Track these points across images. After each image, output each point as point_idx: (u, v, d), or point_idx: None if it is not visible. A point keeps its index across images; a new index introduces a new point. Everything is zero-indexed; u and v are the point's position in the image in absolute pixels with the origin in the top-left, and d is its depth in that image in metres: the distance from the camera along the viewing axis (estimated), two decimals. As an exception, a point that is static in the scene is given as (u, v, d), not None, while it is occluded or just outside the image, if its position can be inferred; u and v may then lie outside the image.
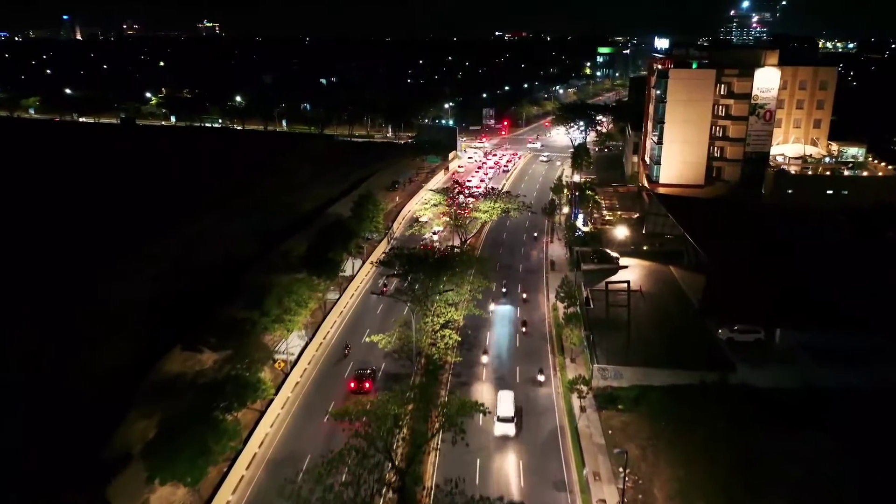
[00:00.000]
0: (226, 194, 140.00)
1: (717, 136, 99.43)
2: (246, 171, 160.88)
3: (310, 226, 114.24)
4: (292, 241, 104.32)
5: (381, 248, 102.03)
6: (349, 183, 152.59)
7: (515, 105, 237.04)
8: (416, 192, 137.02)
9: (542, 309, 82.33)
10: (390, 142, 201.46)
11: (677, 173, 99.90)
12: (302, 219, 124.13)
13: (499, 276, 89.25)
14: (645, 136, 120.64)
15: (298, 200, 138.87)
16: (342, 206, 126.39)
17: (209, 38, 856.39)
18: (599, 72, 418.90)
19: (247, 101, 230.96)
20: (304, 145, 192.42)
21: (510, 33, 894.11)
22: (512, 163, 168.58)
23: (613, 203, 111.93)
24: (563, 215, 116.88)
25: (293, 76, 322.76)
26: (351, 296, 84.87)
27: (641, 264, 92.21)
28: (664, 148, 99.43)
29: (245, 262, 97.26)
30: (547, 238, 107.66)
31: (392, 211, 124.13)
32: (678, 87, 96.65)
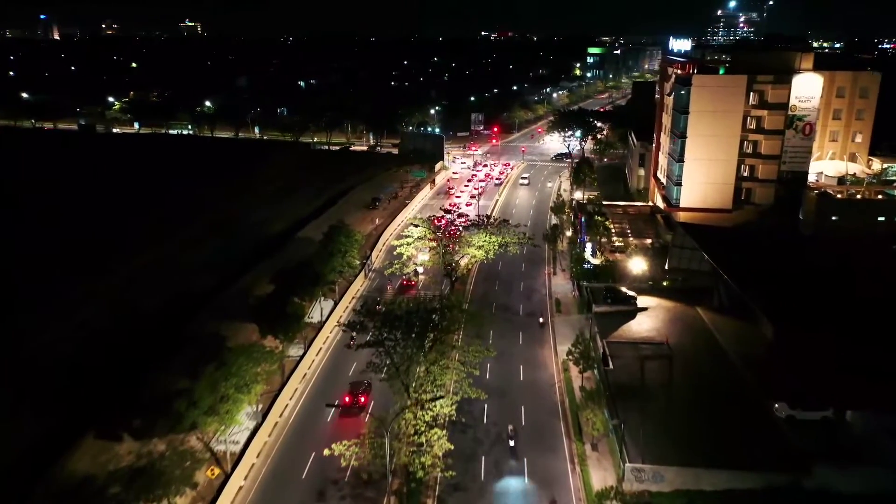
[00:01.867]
0: (186, 214, 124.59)
1: (746, 152, 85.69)
2: (211, 185, 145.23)
3: (277, 253, 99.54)
4: (252, 277, 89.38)
5: (358, 284, 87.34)
6: (325, 198, 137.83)
7: (506, 110, 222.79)
8: (399, 211, 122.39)
9: (550, 367, 67.98)
10: (372, 150, 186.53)
11: (701, 196, 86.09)
12: (270, 242, 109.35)
13: (496, 327, 74.76)
14: (657, 150, 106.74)
15: (267, 220, 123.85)
16: (315, 229, 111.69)
17: (189, 38, 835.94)
18: (590, 73, 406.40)
19: (217, 105, 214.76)
20: (276, 154, 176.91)
21: (496, 33, 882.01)
22: (504, 174, 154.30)
23: (623, 227, 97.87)
24: (565, 237, 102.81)
25: (270, 78, 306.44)
26: (318, 350, 70.02)
27: (662, 305, 78.20)
28: (686, 166, 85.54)
29: (197, 301, 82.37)
30: (548, 268, 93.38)
31: (371, 235, 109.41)
32: (703, 95, 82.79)
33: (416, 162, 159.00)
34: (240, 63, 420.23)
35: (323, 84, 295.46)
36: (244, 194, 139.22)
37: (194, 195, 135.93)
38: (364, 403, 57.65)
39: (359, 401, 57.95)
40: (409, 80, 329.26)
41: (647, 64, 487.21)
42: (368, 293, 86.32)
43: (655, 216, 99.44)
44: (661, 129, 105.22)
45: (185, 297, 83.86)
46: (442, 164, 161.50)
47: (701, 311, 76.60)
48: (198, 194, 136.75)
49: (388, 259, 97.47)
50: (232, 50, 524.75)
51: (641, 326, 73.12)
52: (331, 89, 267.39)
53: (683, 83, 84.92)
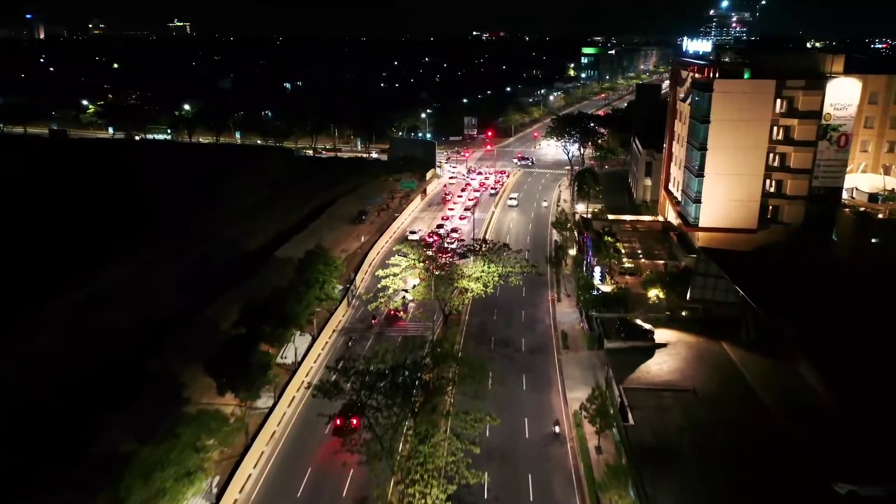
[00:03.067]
0: (156, 228, 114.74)
1: (773, 166, 76.75)
2: (186, 195, 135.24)
3: (251, 276, 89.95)
4: (221, 305, 79.71)
5: (340, 314, 77.80)
6: (308, 210, 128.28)
7: (500, 113, 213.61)
8: (387, 225, 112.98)
9: (559, 418, 58.75)
10: (359, 157, 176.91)
11: (723, 214, 77.05)
12: (247, 260, 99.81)
13: (495, 366, 65.51)
14: (667, 159, 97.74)
15: (245, 235, 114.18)
16: (295, 246, 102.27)
17: (177, 38, 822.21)
18: (584, 73, 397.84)
19: (197, 109, 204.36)
20: (258, 161, 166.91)
21: (488, 33, 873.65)
22: (501, 183, 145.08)
23: (634, 246, 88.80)
24: (569, 257, 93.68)
25: (255, 80, 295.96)
26: (290, 401, 60.47)
27: (683, 340, 69.09)
28: (707, 182, 76.47)
29: (164, 329, 72.85)
30: (552, 294, 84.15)
31: (356, 254, 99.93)
32: (726, 103, 73.73)
33: (407, 170, 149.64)
34: (226, 64, 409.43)
35: (310, 86, 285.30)
36: (221, 205, 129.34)
37: (167, 207, 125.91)
38: (356, 426, 52.04)
39: (350, 423, 52.56)
40: (399, 82, 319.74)
41: (641, 64, 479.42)
42: (352, 324, 76.90)
43: (668, 234, 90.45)
44: (672, 137, 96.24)
45: (151, 324, 74.33)
46: (434, 172, 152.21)
47: (727, 346, 67.61)
48: (171, 206, 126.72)
49: (375, 282, 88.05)
50: (219, 50, 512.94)
51: (662, 367, 64.07)
52: (318, 91, 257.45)
53: (703, 88, 75.86)
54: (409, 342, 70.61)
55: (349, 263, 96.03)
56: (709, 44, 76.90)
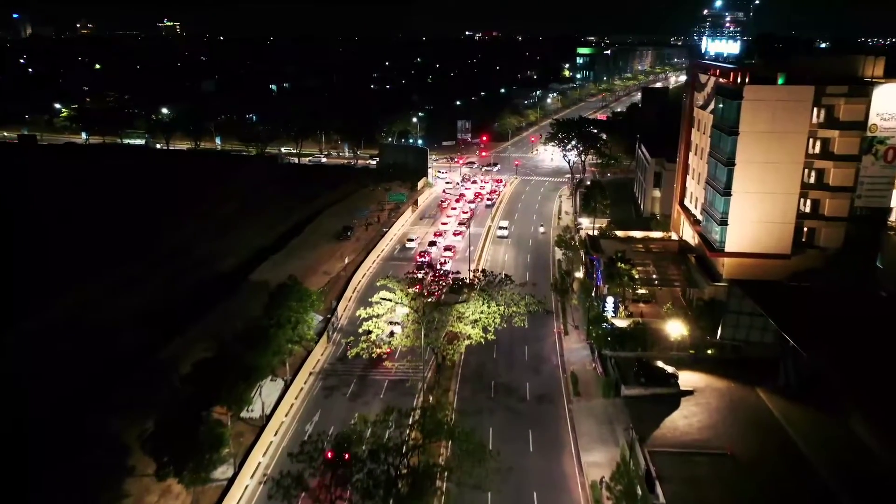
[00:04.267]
0: (123, 246, 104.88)
1: (809, 183, 67.77)
2: (156, 207, 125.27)
3: (222, 304, 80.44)
4: (181, 343, 70.01)
5: (318, 352, 68.27)
6: (290, 224, 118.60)
7: (495, 116, 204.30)
8: (374, 242, 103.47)
9: (573, 491, 49.45)
10: (347, 164, 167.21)
11: (752, 238, 67.96)
12: (218, 283, 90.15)
13: (497, 420, 56.24)
14: (683, 172, 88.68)
15: (219, 252, 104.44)
16: (272, 268, 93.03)
17: (165, 38, 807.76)
18: (579, 74, 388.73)
19: (176, 112, 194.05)
20: (238, 169, 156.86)
21: (481, 32, 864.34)
22: (497, 193, 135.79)
23: (647, 269, 79.55)
24: (576, 280, 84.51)
25: (241, 81, 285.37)
26: (255, 469, 50.83)
27: (711, 385, 60.19)
28: (734, 201, 67.37)
29: (107, 375, 63.16)
30: (558, 325, 74.83)
31: (339, 278, 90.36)
32: (758, 112, 64.67)
33: (397, 178, 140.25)
34: (213, 65, 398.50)
35: (297, 88, 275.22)
36: (194, 219, 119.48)
37: (134, 221, 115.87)
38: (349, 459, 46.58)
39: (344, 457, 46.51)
40: (390, 83, 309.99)
41: (638, 65, 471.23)
42: (331, 364, 67.36)
43: (686, 255, 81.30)
44: (688, 147, 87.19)
45: (99, 366, 64.66)
46: (425, 181, 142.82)
47: (763, 394, 58.75)
48: (139, 219, 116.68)
49: (360, 307, 78.55)
50: (207, 50, 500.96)
51: (691, 422, 55.08)
52: (305, 93, 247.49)
53: (730, 96, 66.72)
54: (397, 389, 61.38)
55: (331, 288, 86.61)
56: (736, 45, 67.63)
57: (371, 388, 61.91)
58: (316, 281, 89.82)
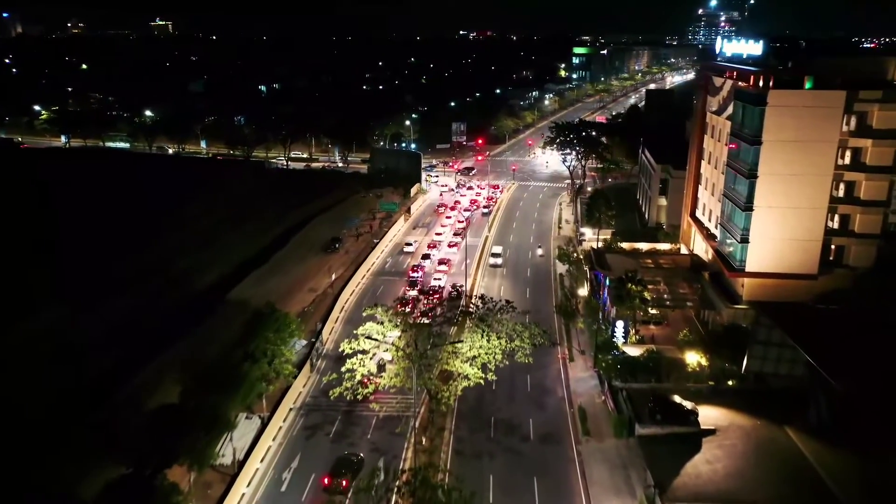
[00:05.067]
0: (91, 260, 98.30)
1: (838, 197, 61.95)
2: (134, 216, 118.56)
3: (198, 326, 74.08)
4: (150, 372, 63.68)
5: (300, 383, 62.04)
6: (277, 233, 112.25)
7: (491, 118, 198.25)
8: (365, 255, 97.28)
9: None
10: (336, 168, 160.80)
11: (775, 256, 62.07)
12: (194, 303, 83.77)
13: (497, 465, 50.13)
14: (694, 182, 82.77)
15: (200, 266, 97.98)
16: (254, 284, 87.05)
17: (157, 38, 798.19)
18: (575, 74, 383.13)
19: (161, 114, 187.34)
20: (223, 175, 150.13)
21: (475, 32, 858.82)
22: (494, 200, 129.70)
23: (658, 288, 73.51)
24: (580, 300, 78.53)
25: (230, 82, 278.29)
26: (224, 529, 44.66)
27: (735, 423, 54.39)
28: (756, 217, 61.47)
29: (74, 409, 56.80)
30: (562, 351, 68.77)
31: (325, 296, 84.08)
32: (783, 119, 58.79)
33: (389, 184, 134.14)
34: (202, 65, 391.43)
35: (288, 88, 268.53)
36: (175, 229, 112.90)
37: (109, 231, 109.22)
38: (346, 487, 46.83)
39: (341, 484, 46.94)
40: (383, 83, 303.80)
41: (634, 65, 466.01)
42: (314, 397, 61.12)
43: (699, 272, 75.38)
44: (700, 155, 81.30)
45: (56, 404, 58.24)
46: (419, 187, 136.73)
47: (793, 434, 52.98)
48: (114, 230, 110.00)
49: (347, 334, 72.46)
50: (197, 50, 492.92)
51: (715, 468, 49.24)
52: (295, 95, 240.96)
53: (752, 101, 60.82)
54: (386, 427, 55.20)
55: (317, 308, 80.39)
56: (758, 45, 61.59)
57: (358, 427, 55.74)
58: (300, 299, 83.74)
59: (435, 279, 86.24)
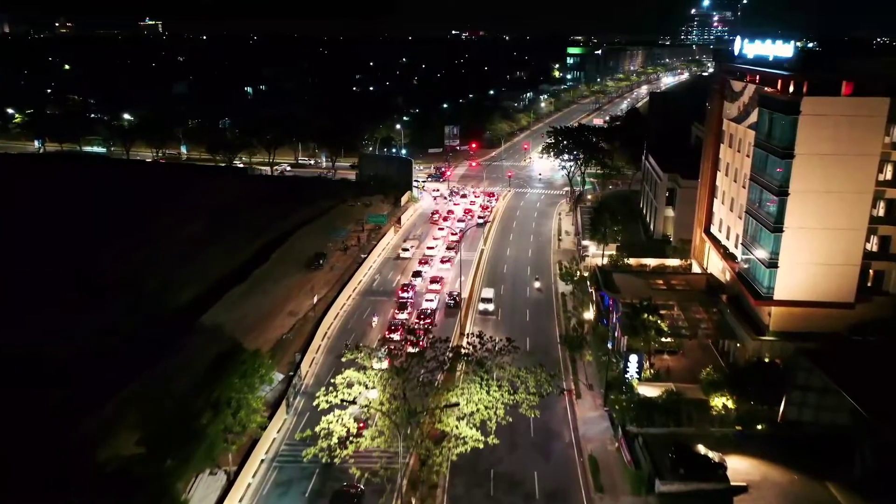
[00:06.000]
0: (57, 277, 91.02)
1: (878, 216, 55.33)
2: (106, 226, 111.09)
3: (168, 351, 66.84)
4: (102, 421, 56.33)
5: (274, 428, 54.88)
6: (258, 245, 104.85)
7: (485, 121, 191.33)
8: (351, 272, 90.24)
9: None
10: (323, 175, 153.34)
11: (809, 282, 55.41)
12: (166, 326, 76.37)
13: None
14: (709, 195, 76.09)
15: (176, 282, 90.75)
16: (231, 307, 79.87)
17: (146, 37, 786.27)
18: (569, 75, 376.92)
19: (139, 117, 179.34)
20: (204, 182, 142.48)
21: (467, 32, 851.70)
22: (489, 209, 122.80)
23: (672, 312, 66.71)
24: (586, 324, 71.72)
25: (216, 83, 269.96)
26: None
27: (768, 476, 47.72)
28: (787, 239, 54.78)
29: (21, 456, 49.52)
30: (568, 387, 61.86)
31: (306, 320, 76.86)
32: (819, 130, 52.15)
33: (378, 192, 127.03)
34: (189, 66, 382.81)
35: (275, 90, 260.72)
36: (149, 242, 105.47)
37: (74, 246, 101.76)
38: None
39: None
40: (374, 84, 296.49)
41: (629, 65, 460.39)
42: (290, 445, 53.91)
43: (716, 293, 68.64)
44: (715, 165, 74.55)
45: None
46: (410, 196, 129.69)
47: (836, 491, 46.32)
48: (80, 244, 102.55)
49: (330, 367, 65.39)
50: (184, 50, 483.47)
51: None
52: (282, 97, 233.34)
53: (784, 109, 54.09)
54: (371, 484, 48.04)
55: (297, 335, 73.22)
56: (788, 46, 54.83)
57: (338, 483, 48.56)
58: (279, 324, 76.60)
59: (426, 300, 79.25)
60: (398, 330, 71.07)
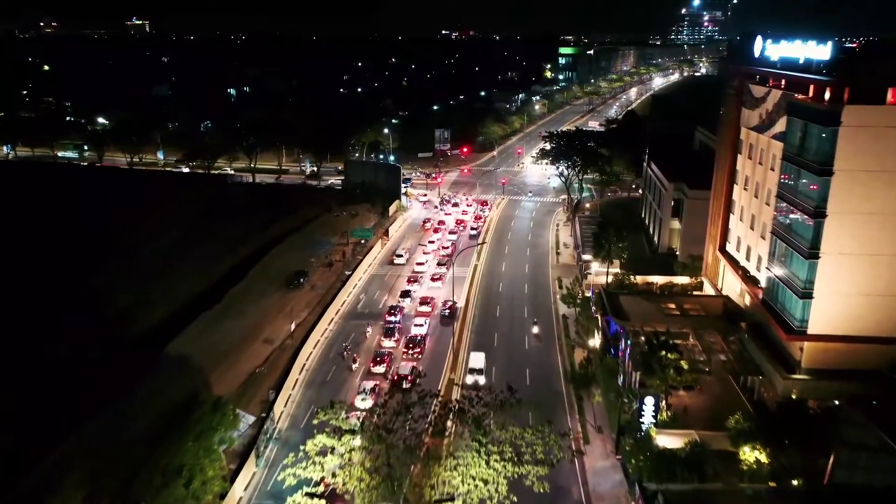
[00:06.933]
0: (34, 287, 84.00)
1: (926, 240, 48.98)
2: (71, 239, 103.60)
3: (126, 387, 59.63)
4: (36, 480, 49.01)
5: (240, 482, 47.80)
6: (235, 261, 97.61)
7: (477, 123, 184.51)
8: (334, 292, 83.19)
9: None
10: (307, 183, 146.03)
11: (849, 314, 49.03)
12: (133, 352, 69.20)
13: None
14: (724, 211, 69.61)
15: (145, 301, 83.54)
16: (200, 335, 72.49)
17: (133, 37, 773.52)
18: (561, 75, 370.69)
19: (115, 121, 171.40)
20: (181, 190, 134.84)
21: (458, 31, 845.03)
22: (482, 220, 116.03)
23: (686, 342, 60.24)
24: (593, 353, 65.09)
25: (198, 85, 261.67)
26: None
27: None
28: (824, 266, 48.34)
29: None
30: (576, 432, 54.95)
31: (282, 350, 69.67)
32: (862, 143, 45.78)
33: (365, 200, 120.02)
34: (174, 66, 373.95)
35: (259, 92, 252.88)
36: (119, 256, 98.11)
37: (38, 261, 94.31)
38: None
39: None
40: (362, 85, 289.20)
41: (620, 65, 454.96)
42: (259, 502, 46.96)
43: (736, 322, 62.16)
44: (731, 178, 68.10)
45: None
46: (398, 205, 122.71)
47: (891, 564, 39.68)
48: (43, 259, 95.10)
49: (309, 405, 58.50)
50: (169, 50, 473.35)
51: None
52: (267, 99, 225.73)
53: (819, 119, 47.65)
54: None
55: (271, 368, 66.08)
56: (825, 47, 48.26)
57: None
58: (253, 353, 69.43)
59: (416, 325, 72.36)
60: (384, 361, 64.44)
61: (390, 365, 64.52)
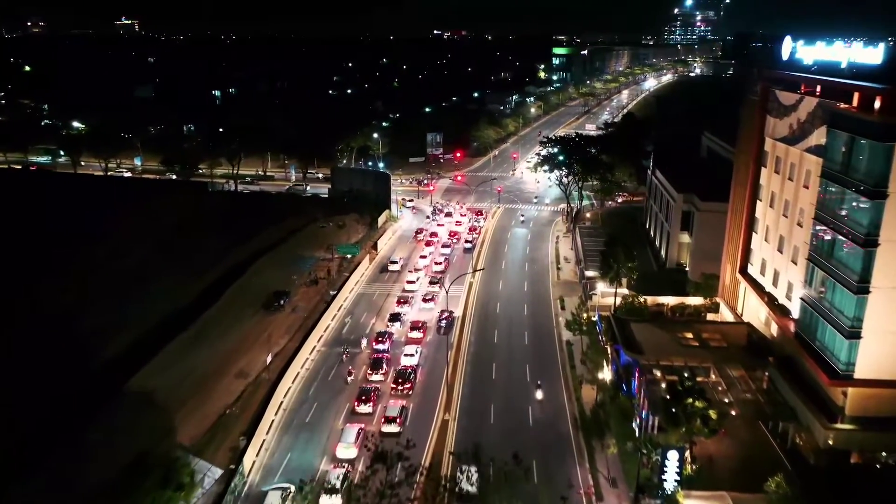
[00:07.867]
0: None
1: None
2: (32, 254, 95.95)
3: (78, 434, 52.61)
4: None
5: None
6: (211, 279, 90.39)
7: (471, 127, 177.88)
8: (317, 315, 76.44)
9: None
10: (292, 191, 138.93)
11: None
12: (90, 388, 62.15)
13: None
14: (745, 229, 63.19)
15: (110, 324, 76.17)
16: (172, 365, 65.43)
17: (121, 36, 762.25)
18: (555, 76, 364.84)
19: (92, 125, 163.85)
20: (156, 200, 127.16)
21: (450, 32, 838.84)
22: (477, 231, 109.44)
23: (708, 378, 53.89)
24: (601, 389, 58.56)
25: (184, 87, 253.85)
26: None
27: None
28: (874, 300, 42.00)
29: None
30: (587, 486, 48.31)
31: (256, 385, 62.76)
32: (923, 161, 39.44)
33: (353, 210, 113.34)
34: (160, 66, 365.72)
35: (245, 94, 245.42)
36: (83, 274, 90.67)
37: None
38: None
39: None
40: (352, 87, 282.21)
41: (614, 65, 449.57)
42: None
43: (763, 355, 55.75)
44: (753, 193, 61.69)
45: None
46: (388, 215, 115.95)
47: None
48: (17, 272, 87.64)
49: (288, 449, 51.82)
50: (158, 50, 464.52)
51: None
52: (254, 101, 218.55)
53: (870, 133, 41.30)
54: None
55: (244, 407, 59.21)
56: (876, 50, 41.91)
57: None
58: (224, 389, 62.58)
59: (406, 355, 65.66)
60: (370, 399, 57.73)
61: (377, 403, 57.84)
